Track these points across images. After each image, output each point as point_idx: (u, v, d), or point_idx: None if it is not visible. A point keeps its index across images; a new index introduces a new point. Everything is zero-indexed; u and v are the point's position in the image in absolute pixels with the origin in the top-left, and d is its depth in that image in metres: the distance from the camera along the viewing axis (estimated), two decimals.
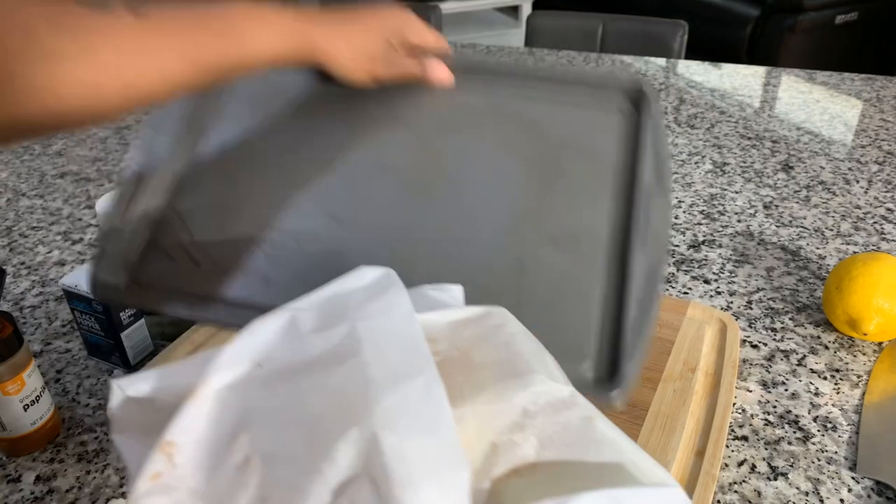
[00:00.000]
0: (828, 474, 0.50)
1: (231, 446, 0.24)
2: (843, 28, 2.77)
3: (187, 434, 0.24)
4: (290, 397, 0.25)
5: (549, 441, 0.25)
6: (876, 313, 0.60)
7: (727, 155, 1.02)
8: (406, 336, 0.26)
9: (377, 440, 0.22)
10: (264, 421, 0.25)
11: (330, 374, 0.25)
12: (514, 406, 0.26)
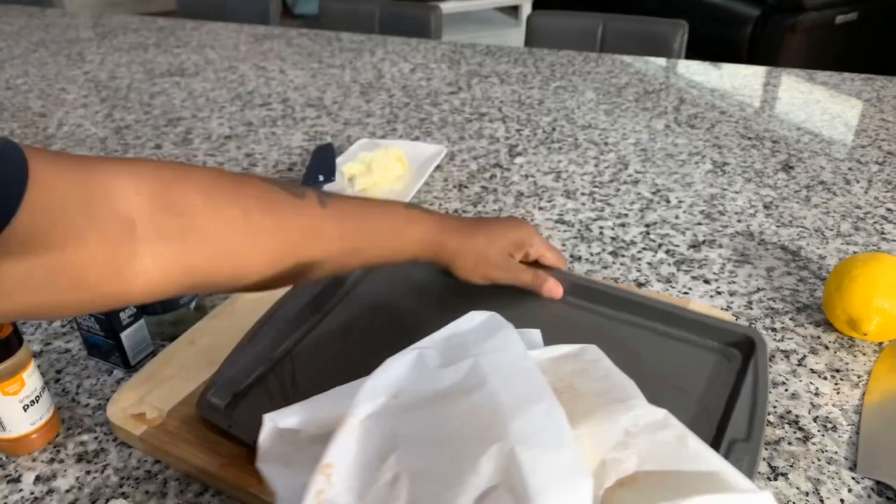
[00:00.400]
0: (828, 474, 0.50)
1: (381, 466, 0.28)
2: (844, 28, 2.77)
3: (342, 457, 0.28)
4: (429, 422, 0.29)
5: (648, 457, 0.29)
6: (876, 313, 0.60)
7: (727, 155, 1.02)
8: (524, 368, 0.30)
9: (514, 455, 0.26)
10: (409, 443, 0.28)
11: (462, 401, 0.29)
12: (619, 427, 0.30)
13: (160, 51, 1.62)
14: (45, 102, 1.30)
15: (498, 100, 1.26)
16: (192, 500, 0.49)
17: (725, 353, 0.53)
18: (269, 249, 0.42)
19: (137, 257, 0.34)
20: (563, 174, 0.97)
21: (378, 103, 1.26)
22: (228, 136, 1.12)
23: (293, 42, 1.66)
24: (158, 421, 0.53)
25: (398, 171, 0.95)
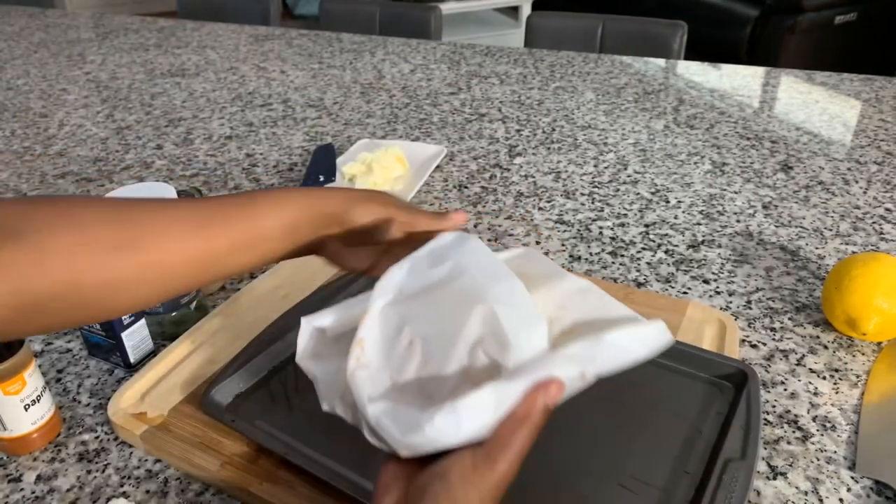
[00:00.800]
0: (827, 474, 0.51)
1: (398, 336, 0.39)
2: (843, 28, 2.77)
3: (369, 335, 0.39)
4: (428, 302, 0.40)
5: (579, 312, 0.40)
6: (875, 313, 0.60)
7: (726, 155, 1.02)
8: (491, 260, 0.42)
9: (493, 311, 0.37)
10: (416, 318, 0.39)
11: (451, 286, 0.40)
12: (558, 294, 0.42)
13: (161, 51, 1.62)
14: (45, 103, 1.31)
15: (498, 100, 1.26)
16: (193, 499, 0.49)
17: (719, 385, 0.56)
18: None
19: None
20: (562, 174, 0.97)
21: (378, 104, 1.26)
22: (229, 137, 1.13)
23: (294, 43, 1.66)
24: (159, 420, 0.53)
25: (398, 171, 0.95)
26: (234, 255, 0.44)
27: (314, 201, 0.47)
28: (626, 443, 0.50)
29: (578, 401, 0.54)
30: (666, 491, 0.46)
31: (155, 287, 0.41)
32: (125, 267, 0.39)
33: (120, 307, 0.41)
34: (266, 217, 0.45)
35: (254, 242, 0.44)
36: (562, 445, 0.50)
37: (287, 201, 0.46)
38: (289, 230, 0.46)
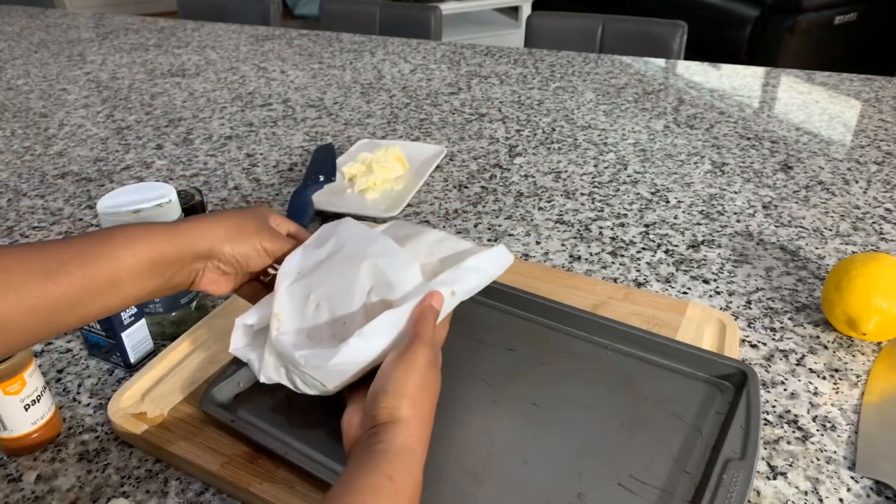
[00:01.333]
0: (827, 474, 0.51)
1: (305, 303, 0.48)
2: (842, 28, 2.77)
3: (283, 308, 0.48)
4: (325, 272, 0.49)
5: (441, 254, 0.52)
6: (875, 313, 0.60)
7: (726, 155, 1.02)
8: (364, 230, 0.52)
9: (376, 264, 0.48)
10: (317, 286, 0.48)
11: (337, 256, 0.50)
12: (424, 245, 0.52)
13: (161, 51, 1.62)
14: (46, 103, 1.31)
15: (498, 100, 1.26)
16: (193, 499, 0.49)
17: (719, 385, 0.56)
18: None
19: None
20: (562, 174, 0.97)
21: (378, 104, 1.26)
22: (229, 137, 1.13)
23: (294, 43, 1.66)
24: (159, 420, 0.53)
25: (398, 171, 0.95)
26: (87, 300, 0.41)
27: (178, 240, 0.45)
28: (626, 442, 0.50)
29: (578, 400, 0.54)
30: (666, 491, 0.46)
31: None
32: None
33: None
34: (121, 257, 0.42)
35: (109, 286, 0.41)
36: (562, 445, 0.50)
37: (145, 239, 0.43)
38: (149, 270, 0.43)
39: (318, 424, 0.51)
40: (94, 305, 0.41)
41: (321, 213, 0.87)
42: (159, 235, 0.44)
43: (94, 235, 0.43)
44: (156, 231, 0.44)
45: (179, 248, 0.45)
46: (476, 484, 0.47)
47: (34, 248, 0.40)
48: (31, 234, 0.85)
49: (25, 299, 0.38)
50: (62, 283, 0.40)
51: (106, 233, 0.43)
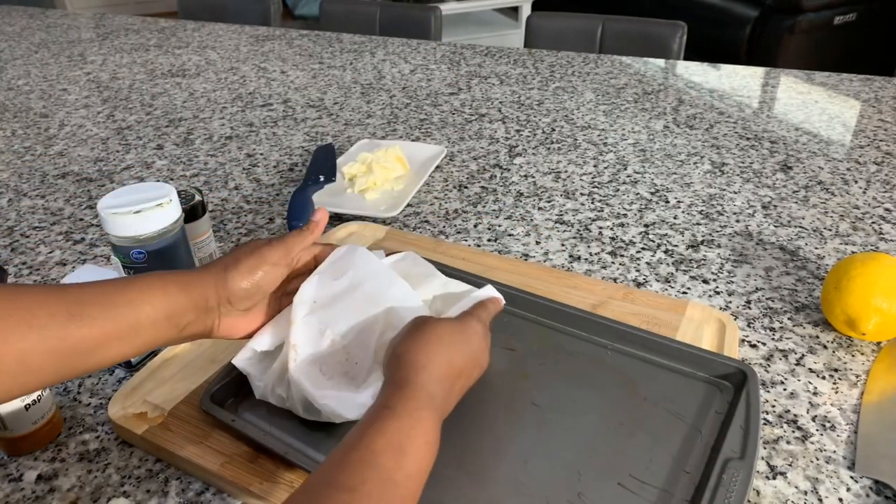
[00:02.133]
0: (826, 473, 0.51)
1: (321, 338, 0.50)
2: (842, 29, 2.77)
3: (298, 339, 0.49)
4: (341, 309, 0.51)
5: (444, 302, 0.56)
6: (874, 313, 0.60)
7: (726, 155, 1.03)
8: (381, 268, 0.54)
9: (392, 308, 0.52)
10: (334, 321, 0.50)
11: (356, 293, 0.52)
12: (432, 287, 0.57)
13: (161, 52, 1.62)
14: (46, 103, 1.31)
15: (497, 100, 1.26)
16: (193, 498, 0.49)
17: (719, 385, 0.56)
18: None
19: None
20: (562, 174, 0.97)
21: (378, 104, 1.26)
22: (230, 137, 1.13)
23: (294, 43, 1.66)
24: (160, 420, 0.53)
25: (398, 171, 0.95)
26: (105, 346, 0.41)
27: (189, 287, 0.46)
28: (626, 442, 0.50)
29: (578, 400, 0.54)
30: (665, 490, 0.46)
31: (10, 384, 0.38)
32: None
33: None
34: (140, 306, 0.43)
35: (129, 332, 0.42)
36: (561, 445, 0.50)
37: (162, 289, 0.44)
38: (165, 321, 0.44)
39: (318, 424, 0.51)
40: (113, 351, 0.42)
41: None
42: (173, 285, 0.45)
43: (114, 281, 0.44)
44: (171, 281, 0.45)
45: (192, 299, 0.46)
46: (476, 484, 0.47)
47: (56, 289, 0.41)
48: (31, 234, 0.85)
49: (47, 339, 0.38)
50: (83, 325, 0.40)
51: (126, 280, 0.44)
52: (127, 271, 0.60)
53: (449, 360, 0.45)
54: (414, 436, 0.39)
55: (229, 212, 0.89)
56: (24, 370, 0.38)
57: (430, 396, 0.42)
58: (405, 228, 0.84)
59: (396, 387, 0.42)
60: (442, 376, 0.44)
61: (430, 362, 0.44)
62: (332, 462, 0.37)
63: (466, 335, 0.47)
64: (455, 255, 0.75)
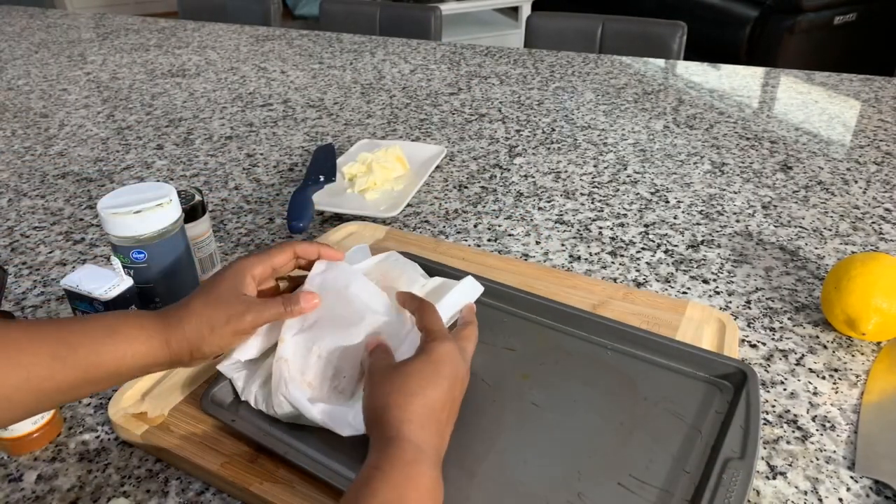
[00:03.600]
0: (826, 473, 0.51)
1: (308, 354, 0.51)
2: (842, 29, 2.77)
3: (289, 354, 0.51)
4: (327, 327, 0.52)
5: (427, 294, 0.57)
6: (874, 313, 0.60)
7: (726, 155, 1.03)
8: (360, 282, 0.55)
9: (372, 322, 0.52)
10: (320, 338, 0.52)
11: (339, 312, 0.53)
12: (414, 288, 0.57)
13: (161, 52, 1.62)
14: (46, 103, 1.31)
15: (497, 100, 1.26)
16: (194, 498, 0.49)
17: (719, 384, 0.56)
18: None
19: None
20: (562, 174, 0.97)
21: (378, 104, 1.26)
22: (230, 137, 1.13)
23: (294, 43, 1.66)
24: (160, 420, 0.53)
25: (398, 171, 0.95)
26: (85, 386, 0.43)
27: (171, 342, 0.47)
28: (626, 442, 0.50)
29: (578, 400, 0.54)
30: (665, 490, 0.46)
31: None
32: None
33: None
34: (123, 354, 0.44)
35: (110, 376, 0.44)
36: (561, 445, 0.50)
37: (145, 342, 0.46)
38: (144, 368, 0.46)
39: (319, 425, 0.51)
40: (89, 389, 0.44)
41: (321, 213, 0.87)
42: (157, 339, 0.46)
43: (99, 323, 0.45)
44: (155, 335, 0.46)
45: (170, 358, 0.47)
46: (476, 484, 0.47)
47: (44, 327, 0.42)
48: (31, 234, 0.85)
49: (32, 379, 0.40)
50: (68, 367, 0.42)
51: (112, 323, 0.45)
52: (127, 271, 0.60)
53: (426, 402, 0.43)
54: (409, 490, 0.38)
55: (229, 212, 0.89)
56: (6, 406, 0.40)
57: (418, 448, 0.41)
58: (405, 228, 0.84)
59: (383, 446, 0.41)
60: (424, 421, 0.42)
61: (409, 412, 0.42)
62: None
63: (435, 365, 0.45)
64: (455, 255, 0.75)
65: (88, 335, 0.43)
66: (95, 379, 0.43)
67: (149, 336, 0.46)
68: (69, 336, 0.43)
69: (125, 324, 0.46)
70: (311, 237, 0.82)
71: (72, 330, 0.43)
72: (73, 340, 0.42)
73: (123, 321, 0.46)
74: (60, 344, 0.42)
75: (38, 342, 0.41)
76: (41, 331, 0.42)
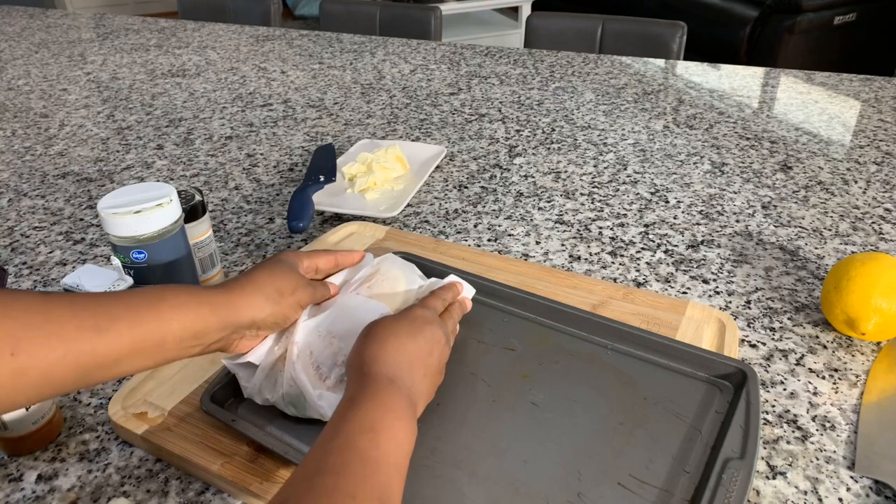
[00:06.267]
0: (826, 473, 0.51)
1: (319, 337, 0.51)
2: (842, 29, 2.77)
3: (298, 336, 0.51)
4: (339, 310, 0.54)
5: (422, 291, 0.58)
6: (874, 313, 0.60)
7: (726, 155, 1.03)
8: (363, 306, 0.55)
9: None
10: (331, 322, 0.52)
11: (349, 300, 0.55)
12: (413, 295, 0.58)
13: (161, 52, 1.62)
14: (46, 103, 1.31)
15: (497, 100, 1.26)
16: (194, 498, 0.49)
17: (719, 384, 0.56)
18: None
19: None
20: (562, 174, 0.97)
21: (378, 104, 1.26)
22: (230, 137, 1.13)
23: (294, 43, 1.66)
24: (160, 420, 0.53)
25: (398, 171, 0.95)
26: (129, 360, 0.41)
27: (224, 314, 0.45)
28: (626, 442, 0.50)
29: (578, 400, 0.54)
30: (665, 490, 0.46)
31: (30, 394, 0.37)
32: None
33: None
34: (169, 323, 0.42)
35: (154, 348, 0.42)
36: (561, 445, 0.50)
37: (193, 309, 0.44)
38: (192, 339, 0.44)
39: (318, 423, 0.51)
40: (135, 364, 0.42)
41: (321, 213, 0.87)
42: (205, 306, 0.44)
43: (143, 293, 0.43)
44: (204, 299, 0.45)
45: (224, 322, 0.45)
46: (476, 484, 0.47)
47: (85, 300, 0.40)
48: (31, 234, 0.85)
49: (73, 353, 0.38)
50: (111, 340, 0.40)
51: (156, 294, 0.43)
52: (127, 271, 0.60)
53: (400, 346, 0.46)
54: (382, 415, 0.40)
55: (229, 212, 0.89)
56: (46, 382, 0.37)
57: (390, 380, 0.43)
58: (405, 228, 0.84)
59: (357, 382, 0.43)
60: (398, 362, 0.45)
61: (382, 353, 0.45)
62: (315, 453, 0.38)
63: (414, 322, 0.49)
64: (455, 255, 0.75)
65: (131, 306, 0.41)
66: (141, 350, 0.41)
67: (198, 303, 0.44)
68: (113, 308, 0.40)
69: (172, 292, 0.44)
70: (311, 237, 0.82)
71: (116, 302, 0.41)
72: (116, 312, 0.40)
73: (171, 290, 0.44)
74: (104, 317, 0.39)
75: (81, 315, 0.39)
76: (84, 304, 0.40)
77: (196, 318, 0.44)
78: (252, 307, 0.47)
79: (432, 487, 0.47)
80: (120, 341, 0.40)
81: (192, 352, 0.45)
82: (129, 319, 0.41)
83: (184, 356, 0.45)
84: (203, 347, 0.46)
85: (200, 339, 0.44)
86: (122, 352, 0.40)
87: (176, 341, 0.43)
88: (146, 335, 0.41)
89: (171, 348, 0.43)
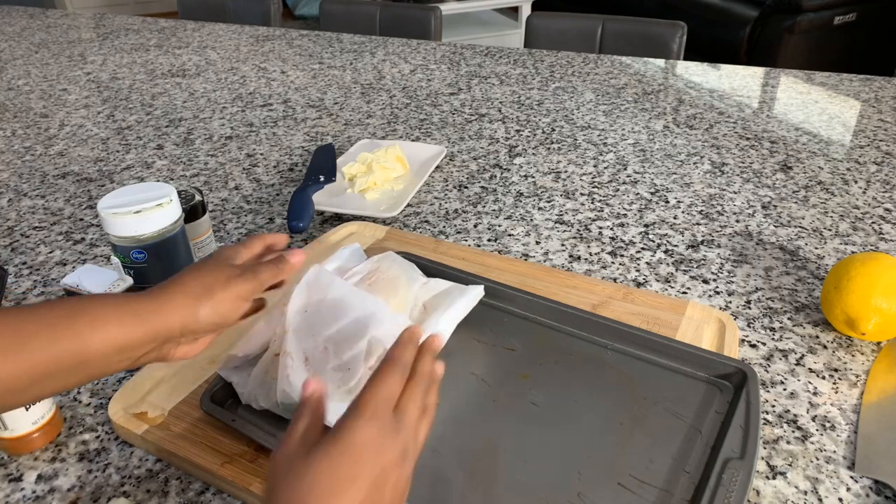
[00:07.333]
0: (826, 473, 0.51)
1: (315, 346, 0.51)
2: (842, 29, 2.77)
3: (292, 347, 0.50)
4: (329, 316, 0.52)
5: (428, 308, 0.59)
6: (874, 313, 0.60)
7: (726, 155, 1.03)
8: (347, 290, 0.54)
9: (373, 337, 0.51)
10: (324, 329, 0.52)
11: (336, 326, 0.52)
12: (412, 295, 0.60)
13: (161, 52, 1.62)
14: (46, 103, 1.31)
15: (497, 100, 1.26)
16: (194, 498, 0.49)
17: (719, 384, 0.56)
18: None
19: None
20: (562, 174, 0.97)
21: (378, 104, 1.26)
22: (230, 137, 1.13)
23: (294, 43, 1.66)
24: (160, 420, 0.53)
25: (398, 171, 0.95)
26: (45, 381, 0.38)
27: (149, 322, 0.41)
28: (626, 442, 0.50)
29: (578, 400, 0.54)
30: (665, 490, 0.46)
31: None
32: None
33: None
34: (89, 338, 0.39)
35: (74, 366, 0.38)
36: (561, 444, 0.50)
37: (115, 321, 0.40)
38: (118, 353, 0.40)
39: None
40: (55, 385, 0.39)
41: (321, 213, 0.87)
42: (129, 315, 0.41)
43: (60, 307, 0.39)
44: (128, 308, 0.41)
45: (153, 332, 0.41)
46: (476, 483, 0.47)
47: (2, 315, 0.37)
48: (31, 234, 0.85)
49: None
50: (21, 362, 0.36)
51: (75, 307, 0.39)
52: (127, 271, 0.60)
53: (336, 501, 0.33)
54: None
55: (229, 212, 0.89)
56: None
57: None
58: (405, 228, 0.84)
59: None
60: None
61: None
62: None
63: (352, 458, 0.34)
64: (455, 255, 0.75)
65: (45, 323, 0.37)
66: (58, 370, 0.38)
67: (121, 314, 0.40)
68: (22, 326, 0.37)
69: (93, 304, 0.40)
70: (311, 237, 0.82)
71: (27, 319, 0.37)
72: (26, 332, 0.37)
73: (92, 302, 0.40)
74: (10, 337, 0.36)
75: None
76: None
77: (119, 331, 0.40)
78: (180, 311, 0.42)
79: (433, 487, 0.47)
80: (33, 362, 0.37)
81: (122, 366, 0.41)
82: (43, 336, 0.37)
83: (113, 371, 0.41)
84: (133, 361, 0.42)
85: (127, 353, 0.41)
86: (34, 373, 0.37)
87: (98, 357, 0.39)
88: (62, 354, 0.38)
89: (94, 365, 0.39)
